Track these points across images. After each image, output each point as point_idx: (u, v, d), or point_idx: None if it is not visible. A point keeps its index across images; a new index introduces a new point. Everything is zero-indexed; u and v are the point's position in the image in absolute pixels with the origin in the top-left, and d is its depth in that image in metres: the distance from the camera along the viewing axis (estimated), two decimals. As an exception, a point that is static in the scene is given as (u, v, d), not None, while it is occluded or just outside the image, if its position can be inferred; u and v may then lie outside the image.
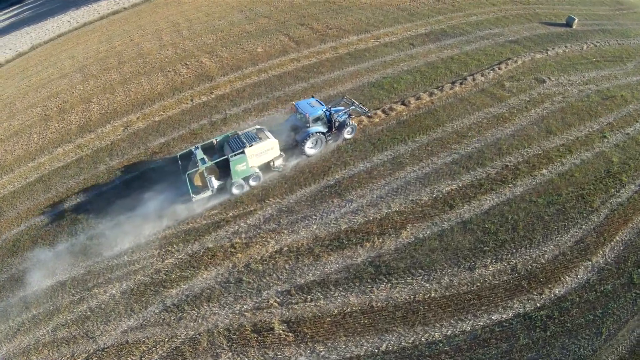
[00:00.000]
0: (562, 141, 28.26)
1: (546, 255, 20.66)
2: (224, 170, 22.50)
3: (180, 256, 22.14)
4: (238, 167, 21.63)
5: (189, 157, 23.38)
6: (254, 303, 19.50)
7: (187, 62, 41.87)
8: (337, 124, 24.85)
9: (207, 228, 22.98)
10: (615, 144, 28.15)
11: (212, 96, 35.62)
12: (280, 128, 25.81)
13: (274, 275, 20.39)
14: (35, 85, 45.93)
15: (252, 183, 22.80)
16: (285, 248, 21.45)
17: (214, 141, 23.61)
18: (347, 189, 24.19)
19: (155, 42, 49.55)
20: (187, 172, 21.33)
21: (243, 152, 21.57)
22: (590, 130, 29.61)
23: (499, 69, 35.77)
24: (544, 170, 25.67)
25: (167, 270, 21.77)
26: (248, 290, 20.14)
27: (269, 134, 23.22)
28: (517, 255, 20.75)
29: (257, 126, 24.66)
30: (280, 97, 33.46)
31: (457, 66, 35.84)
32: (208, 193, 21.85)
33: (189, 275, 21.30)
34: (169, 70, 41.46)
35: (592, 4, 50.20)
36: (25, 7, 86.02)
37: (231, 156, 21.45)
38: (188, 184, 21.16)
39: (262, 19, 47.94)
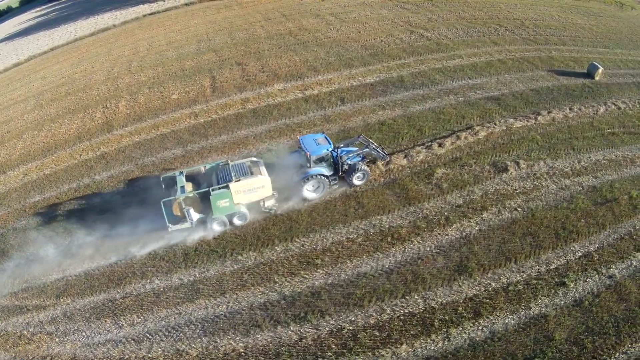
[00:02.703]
0: (491, 299, 18.17)
1: None
2: (207, 202, 20.13)
3: None
4: (220, 202, 19.47)
5: (173, 181, 21.15)
6: None
7: (107, 105, 37.01)
8: (345, 166, 21.75)
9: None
10: (590, 305, 17.32)
11: (97, 153, 30.05)
12: (281, 163, 22.72)
13: None
14: (1, 107, 44.15)
15: (237, 222, 20.48)
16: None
17: (202, 168, 21.78)
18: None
19: (104, 73, 46.03)
20: (164, 200, 19.45)
21: (227, 187, 19.42)
22: (552, 267, 18.87)
23: (442, 145, 25.58)
24: None
25: None
26: None
27: (263, 169, 20.93)
28: None
29: (253, 158, 22.17)
30: (147, 166, 27.27)
31: (382, 137, 26.25)
32: (187, 225, 19.90)
33: None
34: (89, 112, 37.00)
35: (635, 46, 36.93)
36: (54, 7, 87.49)
37: (212, 189, 19.40)
38: (164, 211, 19.29)
39: (209, 54, 41.81)
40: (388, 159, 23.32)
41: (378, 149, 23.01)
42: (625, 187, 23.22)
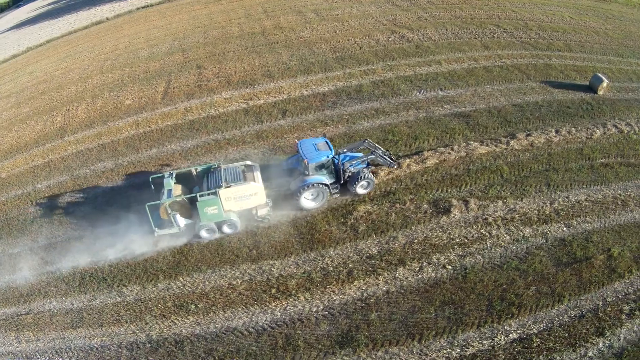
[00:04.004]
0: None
1: None
2: (196, 207, 18.93)
3: None
4: (208, 209, 18.38)
5: (162, 183, 19.95)
6: None
7: (70, 108, 35.21)
8: (347, 174, 19.73)
9: None
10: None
11: (45, 160, 27.81)
12: (278, 168, 21.00)
13: None
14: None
15: (227, 230, 19.28)
16: None
17: (194, 170, 20.35)
18: None
19: (79, 72, 44.38)
20: (148, 204, 18.38)
21: (215, 193, 18.25)
22: (469, 352, 14.58)
23: (376, 174, 21.15)
24: None
25: None
26: None
27: (258, 175, 19.35)
28: None
29: (248, 162, 20.36)
30: (80, 178, 25.16)
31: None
32: (174, 230, 18.90)
33: None
34: (53, 115, 35.44)
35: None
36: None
37: (200, 195, 18.30)
38: (149, 215, 18.43)
39: (176, 55, 38.94)
40: (395, 166, 20.78)
41: (384, 156, 20.55)
42: (605, 241, 17.99)
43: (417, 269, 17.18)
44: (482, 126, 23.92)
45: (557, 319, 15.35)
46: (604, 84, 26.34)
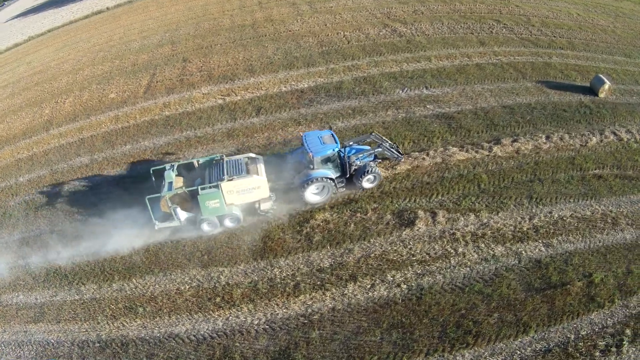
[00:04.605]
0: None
1: None
2: (197, 200, 18.63)
3: None
4: (209, 203, 17.98)
5: (162, 174, 19.75)
6: None
7: (59, 100, 34.67)
8: (353, 168, 19.08)
9: None
10: None
11: (29, 153, 27.37)
12: (283, 161, 20.18)
13: None
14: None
15: (229, 224, 18.82)
16: None
17: (196, 162, 20.09)
18: None
19: (73, 63, 43.89)
20: (148, 197, 18.05)
21: (217, 187, 17.84)
22: None
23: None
24: None
25: None
26: None
27: (261, 167, 18.93)
28: None
29: (251, 154, 19.88)
30: (58, 173, 24.65)
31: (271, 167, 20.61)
32: (175, 223, 18.64)
33: None
34: (42, 107, 34.96)
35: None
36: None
37: (201, 188, 17.93)
38: (149, 208, 18.17)
39: (166, 47, 37.90)
40: (402, 160, 20.14)
41: (392, 149, 19.86)
42: (587, 264, 16.07)
43: (369, 286, 15.63)
44: (464, 129, 21.99)
45: (518, 352, 13.60)
46: (606, 86, 24.03)
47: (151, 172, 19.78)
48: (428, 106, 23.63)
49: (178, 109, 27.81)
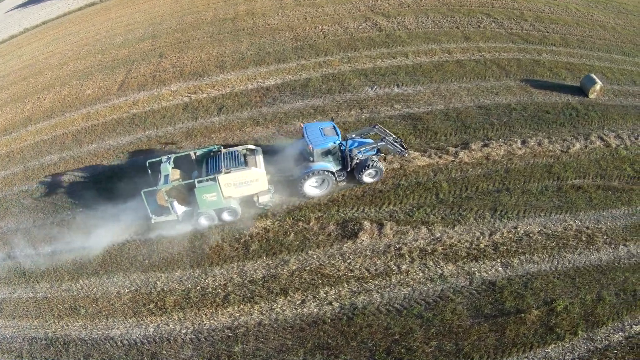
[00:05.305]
0: None
1: None
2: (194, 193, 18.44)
3: None
4: (206, 196, 17.57)
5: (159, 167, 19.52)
6: None
7: (40, 96, 33.98)
8: (355, 161, 18.39)
9: None
10: None
11: (6, 150, 26.90)
12: (282, 153, 19.51)
13: None
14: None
15: (227, 218, 18.40)
16: None
17: (193, 154, 19.46)
18: None
19: (59, 57, 43.32)
20: (144, 190, 17.72)
21: (214, 179, 17.44)
22: None
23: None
24: None
25: None
26: None
27: (260, 159, 18.40)
28: None
29: (250, 145, 19.28)
30: (29, 170, 24.18)
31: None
32: (172, 217, 18.21)
33: None
34: (24, 102, 34.38)
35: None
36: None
37: (198, 181, 17.50)
38: (145, 202, 17.82)
39: (147, 42, 36.86)
40: (406, 154, 19.13)
41: (395, 143, 18.76)
42: (550, 289, 14.12)
43: (299, 302, 14.21)
44: (431, 131, 20.01)
45: (452, 393, 11.70)
46: (597, 87, 21.70)
47: (147, 164, 19.25)
48: (396, 106, 21.70)
49: (145, 106, 26.76)
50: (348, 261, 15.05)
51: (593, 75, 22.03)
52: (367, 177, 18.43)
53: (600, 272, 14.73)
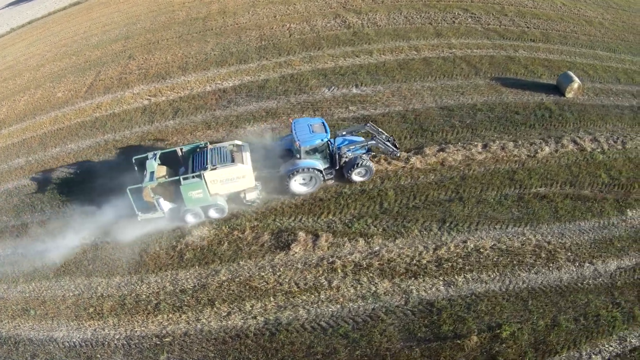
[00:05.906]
0: None
1: None
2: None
3: None
4: (192, 193, 17.42)
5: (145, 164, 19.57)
6: None
7: (15, 98, 32.76)
8: (344, 159, 17.89)
9: None
10: None
11: None
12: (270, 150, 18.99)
13: None
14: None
15: (214, 215, 18.15)
16: None
17: (179, 150, 19.26)
18: None
19: (38, 59, 42.76)
20: (130, 187, 17.71)
21: (200, 176, 17.22)
22: None
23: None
24: None
25: None
26: None
27: (247, 155, 17.98)
28: None
29: (237, 141, 18.81)
30: None
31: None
32: (158, 214, 18.07)
33: None
34: (2, 105, 34.15)
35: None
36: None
37: (183, 178, 17.33)
38: (131, 199, 17.79)
39: (119, 43, 36.04)
40: (398, 155, 18.25)
41: (387, 142, 18.01)
42: (498, 312, 12.51)
43: (225, 314, 13.49)
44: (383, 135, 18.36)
45: None
46: (575, 85, 19.92)
47: (133, 161, 18.92)
48: (351, 107, 20.16)
49: (107, 110, 25.95)
50: (278, 274, 13.75)
51: (571, 73, 20.24)
52: (356, 176, 17.70)
53: (559, 294, 13.01)
